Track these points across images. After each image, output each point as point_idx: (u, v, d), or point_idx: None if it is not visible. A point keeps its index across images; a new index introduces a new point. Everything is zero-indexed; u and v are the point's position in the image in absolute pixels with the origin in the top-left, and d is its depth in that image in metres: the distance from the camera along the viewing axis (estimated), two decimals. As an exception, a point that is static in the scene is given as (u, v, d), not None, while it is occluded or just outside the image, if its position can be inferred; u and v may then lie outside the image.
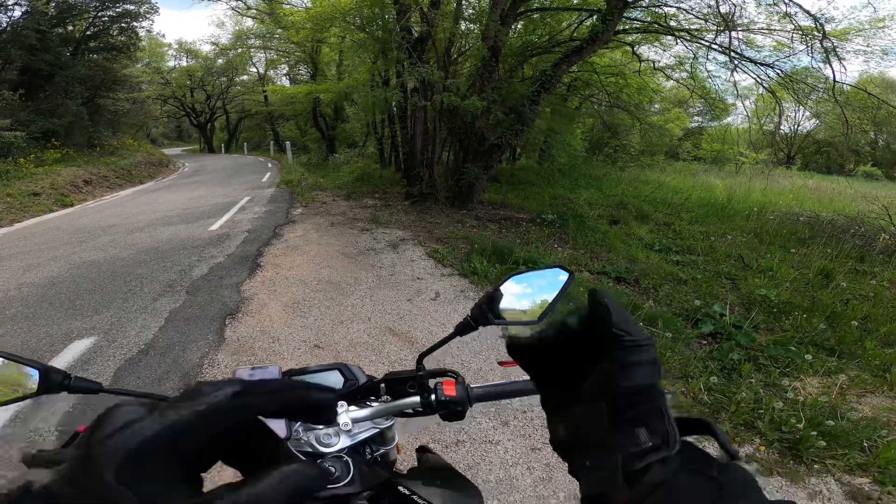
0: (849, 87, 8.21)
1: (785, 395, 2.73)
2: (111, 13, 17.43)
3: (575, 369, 0.36)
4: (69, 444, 0.68)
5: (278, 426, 0.64)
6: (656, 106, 19.02)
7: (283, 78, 32.27)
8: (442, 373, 0.79)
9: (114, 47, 18.27)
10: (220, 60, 32.19)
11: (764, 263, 5.41)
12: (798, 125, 28.41)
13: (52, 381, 0.65)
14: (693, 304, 4.13)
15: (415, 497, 0.73)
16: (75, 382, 0.66)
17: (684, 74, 10.49)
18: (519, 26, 9.61)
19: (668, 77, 11.28)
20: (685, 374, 3.04)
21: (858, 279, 5.08)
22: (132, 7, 17.69)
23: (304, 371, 0.75)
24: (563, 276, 0.68)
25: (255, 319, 3.65)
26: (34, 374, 0.65)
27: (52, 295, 4.13)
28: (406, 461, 1.37)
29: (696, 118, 27.10)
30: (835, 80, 7.54)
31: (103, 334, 3.36)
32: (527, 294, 0.68)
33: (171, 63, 34.97)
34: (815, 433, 2.32)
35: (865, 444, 2.29)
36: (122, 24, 18.00)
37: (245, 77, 35.09)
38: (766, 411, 2.53)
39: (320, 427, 0.69)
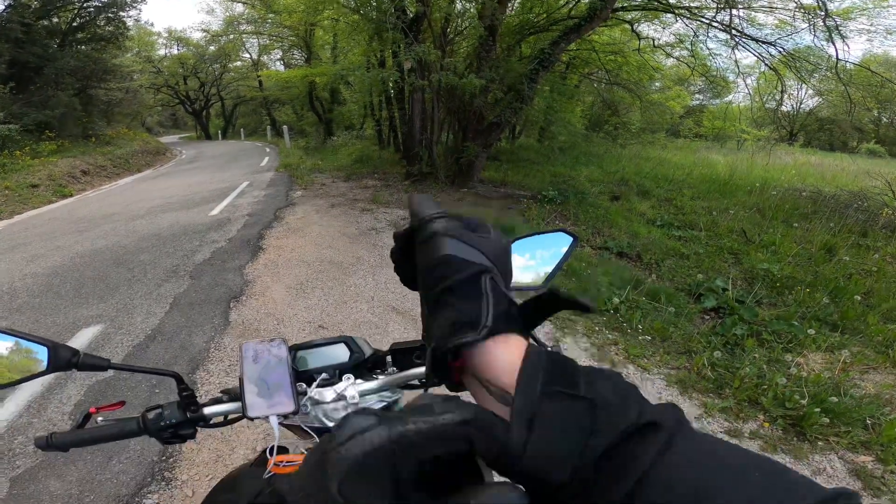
0: (852, 66, 8.11)
1: (788, 371, 2.72)
2: (97, 3, 17.14)
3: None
4: (83, 425, 0.69)
5: (286, 399, 0.64)
6: (657, 84, 18.73)
7: (278, 63, 31.86)
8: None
9: (102, 38, 18.01)
10: (211, 47, 31.70)
11: (766, 238, 5.40)
12: (801, 103, 28.13)
13: (61, 359, 0.64)
14: (695, 279, 4.13)
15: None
16: (84, 359, 0.66)
17: (685, 52, 10.34)
18: (516, 4, 9.43)
19: (668, 55, 11.11)
20: (688, 348, 3.05)
21: (861, 254, 5.05)
22: (118, -4, 17.40)
23: (310, 345, 0.74)
24: (567, 240, 0.67)
25: (259, 302, 3.67)
26: (42, 352, 0.64)
27: (56, 284, 4.14)
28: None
29: (697, 96, 26.91)
30: (838, 59, 7.46)
31: (110, 321, 3.38)
32: (531, 258, 0.67)
33: (162, 52, 34.47)
34: (818, 410, 2.32)
35: (868, 422, 2.29)
36: (109, 14, 17.70)
37: (238, 63, 34.63)
38: (770, 387, 2.53)
39: (328, 401, 0.69)
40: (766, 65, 8.50)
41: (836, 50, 7.34)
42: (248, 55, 33.03)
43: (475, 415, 0.26)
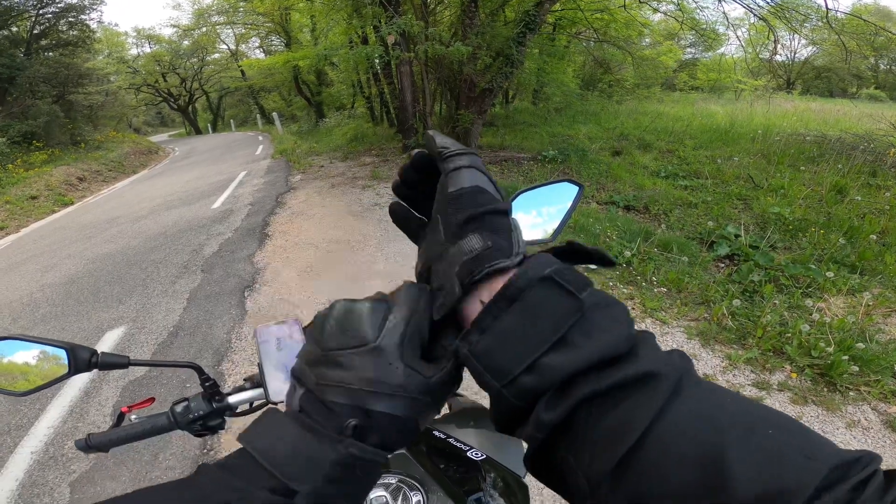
0: (843, 16, 7.91)
1: (810, 318, 2.66)
2: (53, 10, 16.82)
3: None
4: (118, 424, 0.71)
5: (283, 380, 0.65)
6: (647, 40, 18.32)
7: (257, 51, 31.17)
8: None
9: (68, 42, 17.84)
10: (185, 42, 31.12)
11: (774, 182, 5.32)
12: (795, 53, 27.52)
13: (81, 360, 0.65)
14: (706, 227, 4.09)
15: (451, 440, 0.75)
16: (103, 358, 0.66)
17: (671, 6, 10.00)
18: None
19: (655, 10, 10.84)
20: (706, 298, 3.02)
21: (872, 193, 4.97)
22: (74, 0, 16.97)
23: None
24: (573, 190, 0.66)
25: (273, 288, 3.71)
26: (62, 355, 0.65)
27: (75, 291, 4.18)
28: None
29: (688, 50, 26.53)
30: (827, 9, 7.28)
31: (132, 322, 3.43)
32: (536, 213, 0.66)
33: (134, 51, 33.87)
34: (846, 358, 2.25)
35: None
36: (70, 19, 17.50)
37: (217, 55, 33.94)
38: (794, 335, 2.47)
39: None
40: (755, 15, 8.23)
41: (826, 0, 7.17)
42: (225, 46, 32.39)
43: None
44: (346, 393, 0.30)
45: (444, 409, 1.07)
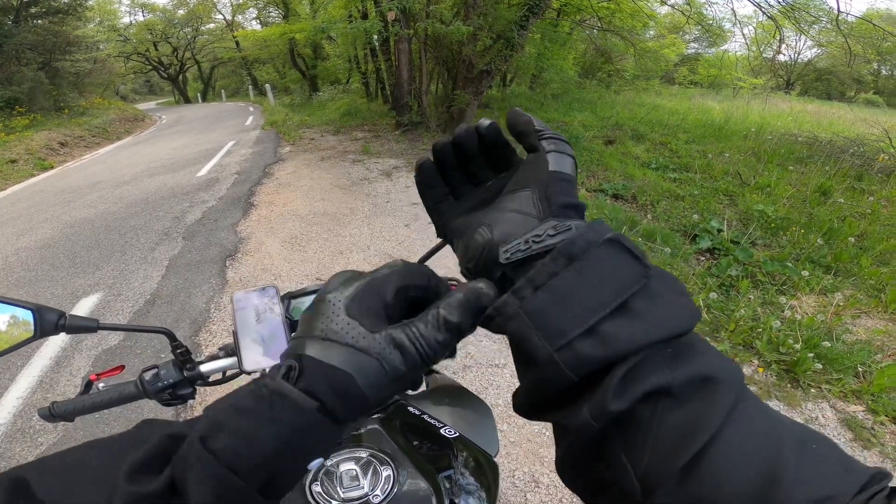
0: (853, 19, 7.90)
1: (782, 314, 2.72)
2: None
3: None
4: (86, 392, 0.68)
5: (282, 350, 0.62)
6: (651, 32, 18.23)
7: (254, 22, 30.50)
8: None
9: (58, 10, 17.17)
10: (180, 11, 30.35)
11: (761, 180, 5.36)
12: (799, 53, 27.65)
13: (48, 322, 0.61)
14: (691, 220, 4.14)
15: (425, 416, 0.75)
16: (71, 321, 0.63)
17: (679, 0, 9.86)
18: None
19: (663, 2, 10.79)
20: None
21: (856, 197, 5.04)
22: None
23: (304, 292, 0.72)
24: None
25: (255, 258, 3.65)
26: (28, 317, 0.61)
27: (50, 256, 4.08)
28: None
29: (692, 45, 26.75)
30: (839, 11, 7.23)
31: (108, 289, 3.36)
32: None
33: (127, 19, 32.97)
34: (811, 355, 2.31)
35: (860, 369, 2.29)
36: None
37: (212, 25, 33.24)
38: (765, 330, 2.52)
39: None
40: (764, 14, 8.14)
41: (838, 2, 7.13)
42: (220, 16, 31.58)
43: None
44: (293, 343, 0.31)
45: (422, 388, 1.06)
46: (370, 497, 0.56)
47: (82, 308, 3.12)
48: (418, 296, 0.32)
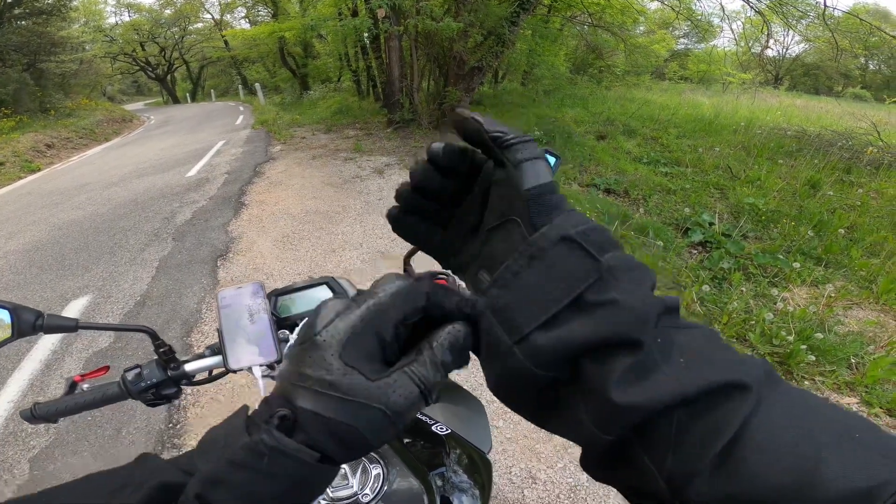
0: (840, 14, 8.01)
1: (775, 306, 2.73)
2: None
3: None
4: (70, 392, 0.67)
5: (268, 348, 0.61)
6: (641, 28, 18.33)
7: (242, 21, 30.27)
8: (432, 275, 0.76)
9: (42, 11, 17.00)
10: (167, 11, 30.03)
11: (752, 174, 5.40)
12: (787, 49, 27.91)
13: (25, 322, 0.60)
14: (682, 214, 4.15)
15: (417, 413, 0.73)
16: (49, 321, 0.61)
17: None
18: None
19: None
20: (677, 282, 3.07)
21: (845, 189, 5.09)
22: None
23: (291, 289, 0.71)
24: (550, 161, 0.61)
25: (247, 258, 3.62)
26: (5, 317, 0.60)
27: (39, 259, 4.02)
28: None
29: (682, 40, 26.92)
30: (825, 6, 7.31)
31: (97, 291, 3.31)
32: None
33: (112, 20, 32.62)
34: (804, 347, 2.32)
35: (853, 361, 2.30)
36: None
37: (200, 25, 32.97)
38: (757, 323, 2.53)
39: None
40: (752, 9, 8.19)
41: (825, -4, 7.18)
42: (209, 16, 31.32)
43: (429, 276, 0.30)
44: (280, 386, 0.29)
45: None
46: (359, 496, 0.55)
47: (72, 310, 3.08)
48: (416, 320, 0.30)
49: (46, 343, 2.68)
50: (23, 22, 16.68)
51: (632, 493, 0.26)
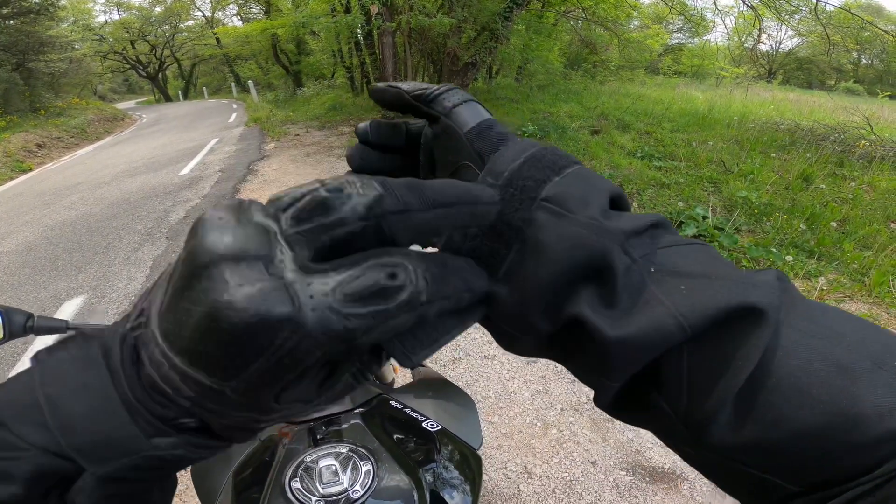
0: (833, 8, 8.04)
1: None
2: None
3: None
4: None
5: None
6: (635, 22, 18.41)
7: (234, 18, 30.05)
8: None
9: (30, 10, 16.75)
10: (157, 9, 29.76)
11: (745, 168, 5.42)
12: (780, 43, 27.96)
13: (16, 324, 0.60)
14: (676, 207, 4.16)
15: (407, 410, 0.74)
16: (39, 322, 0.62)
17: None
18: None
19: None
20: None
21: (837, 182, 5.10)
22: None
23: None
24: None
25: (242, 256, 3.60)
26: None
27: (31, 260, 4.00)
28: (404, 381, 1.38)
29: (675, 35, 27.00)
30: (818, 0, 7.34)
31: (92, 291, 3.30)
32: None
33: (102, 18, 32.28)
34: None
35: None
36: None
37: (191, 22, 32.69)
38: None
39: None
40: (745, 4, 8.20)
41: (818, -9, 7.25)
42: (200, 13, 31.07)
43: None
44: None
45: (408, 379, 1.04)
46: (350, 492, 0.55)
47: (66, 311, 3.06)
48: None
49: (47, 343, 2.67)
50: (10, 21, 16.51)
51: (660, 436, 0.23)
